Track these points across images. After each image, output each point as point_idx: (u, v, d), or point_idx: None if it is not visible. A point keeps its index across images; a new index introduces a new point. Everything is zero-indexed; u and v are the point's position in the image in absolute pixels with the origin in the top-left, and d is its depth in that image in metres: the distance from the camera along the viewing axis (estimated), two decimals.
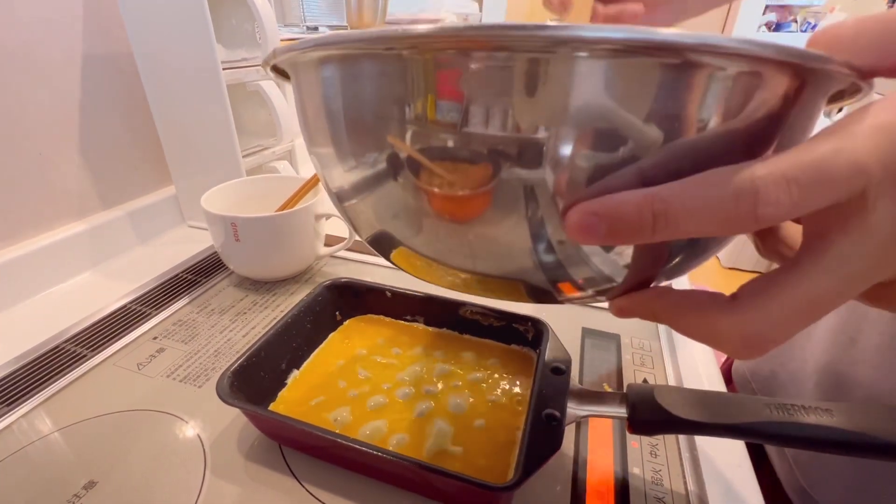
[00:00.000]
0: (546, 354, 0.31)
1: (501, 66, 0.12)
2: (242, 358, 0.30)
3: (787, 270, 0.14)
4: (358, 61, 0.14)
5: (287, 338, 0.34)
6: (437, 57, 0.13)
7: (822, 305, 0.13)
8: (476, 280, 0.18)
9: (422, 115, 0.14)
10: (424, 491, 0.27)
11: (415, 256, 0.19)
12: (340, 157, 0.17)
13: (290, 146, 0.63)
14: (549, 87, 0.12)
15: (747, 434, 0.22)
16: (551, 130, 0.13)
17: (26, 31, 0.42)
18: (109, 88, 0.51)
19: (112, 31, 0.50)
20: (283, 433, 0.29)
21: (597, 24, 0.11)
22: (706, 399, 0.24)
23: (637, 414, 0.25)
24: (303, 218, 0.44)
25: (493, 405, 0.31)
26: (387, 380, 0.33)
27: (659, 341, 0.39)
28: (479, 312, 0.37)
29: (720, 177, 0.12)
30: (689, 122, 0.13)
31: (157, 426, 0.31)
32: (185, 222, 0.60)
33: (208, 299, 0.44)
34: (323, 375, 0.33)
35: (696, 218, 0.12)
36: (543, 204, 0.14)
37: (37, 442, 0.29)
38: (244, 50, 0.58)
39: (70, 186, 0.49)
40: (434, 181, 0.15)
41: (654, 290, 0.17)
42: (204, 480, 0.27)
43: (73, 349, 0.37)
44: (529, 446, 0.25)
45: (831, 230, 0.13)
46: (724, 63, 0.12)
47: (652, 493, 0.27)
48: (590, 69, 0.12)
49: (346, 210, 0.19)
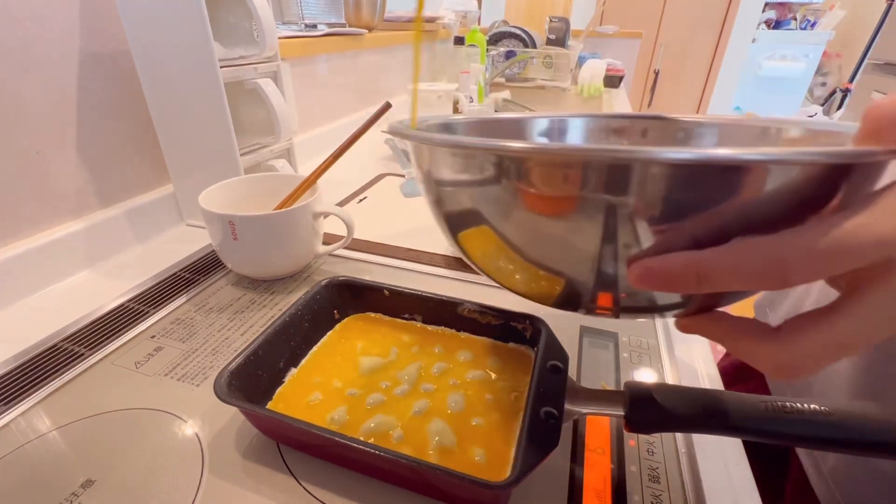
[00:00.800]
0: (544, 352, 0.31)
1: (612, 171, 0.16)
2: (240, 357, 0.30)
3: (825, 313, 0.16)
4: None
5: (285, 336, 0.34)
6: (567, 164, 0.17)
7: (849, 347, 0.16)
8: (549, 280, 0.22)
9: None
10: (422, 489, 0.27)
11: (491, 241, 0.22)
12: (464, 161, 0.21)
13: (288, 144, 0.63)
14: (646, 187, 0.16)
15: (744, 432, 0.22)
16: (639, 212, 0.16)
17: (22, 29, 0.42)
18: (107, 86, 0.51)
19: (109, 28, 0.50)
20: (281, 432, 0.29)
21: (680, 149, 0.15)
22: (704, 397, 0.24)
23: (635, 413, 0.25)
24: (301, 216, 0.44)
25: (491, 403, 0.31)
26: (385, 378, 0.33)
27: (657, 339, 0.39)
28: (476, 311, 0.36)
29: (755, 247, 0.15)
30: (743, 212, 0.16)
31: (155, 425, 0.31)
32: (184, 221, 0.60)
33: (206, 298, 0.44)
34: (321, 374, 0.33)
35: (732, 279, 0.15)
36: (620, 259, 0.18)
37: (34, 441, 0.29)
38: (242, 48, 0.58)
39: (67, 185, 0.49)
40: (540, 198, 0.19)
41: (713, 315, 0.20)
42: (202, 479, 0.27)
43: (70, 348, 0.37)
44: (527, 444, 0.25)
45: (863, 284, 0.15)
46: (781, 170, 0.15)
47: (649, 491, 0.27)
48: (666, 176, 0.16)
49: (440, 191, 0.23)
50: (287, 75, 0.78)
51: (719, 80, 2.72)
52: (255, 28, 0.55)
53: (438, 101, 1.09)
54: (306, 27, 0.88)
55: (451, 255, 0.52)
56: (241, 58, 0.54)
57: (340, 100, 0.99)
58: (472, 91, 1.17)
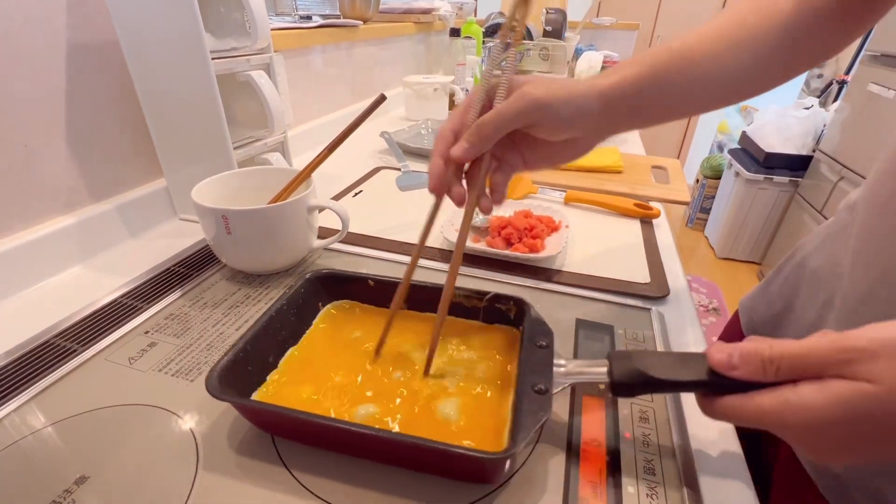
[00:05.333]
0: (529, 330, 0.32)
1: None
2: (230, 354, 0.29)
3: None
4: None
5: (272, 331, 0.33)
6: None
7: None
8: None
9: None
10: (420, 467, 0.27)
11: None
12: None
13: (281, 137, 0.63)
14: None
15: (719, 388, 0.23)
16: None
17: (6, 20, 0.41)
18: (96, 78, 0.50)
19: (97, 19, 0.49)
20: (275, 423, 0.29)
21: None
22: (681, 359, 0.25)
23: (617, 377, 0.26)
24: (295, 210, 0.43)
25: (482, 382, 0.32)
26: (374, 364, 0.33)
27: (652, 330, 0.40)
28: (462, 295, 0.37)
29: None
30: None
31: (149, 421, 0.30)
32: (177, 215, 0.59)
33: (201, 293, 0.43)
34: (311, 365, 0.33)
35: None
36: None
37: (28, 437, 0.29)
38: (233, 39, 0.57)
39: (58, 179, 0.48)
40: None
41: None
42: (196, 474, 0.27)
43: (63, 344, 0.37)
44: (521, 415, 0.26)
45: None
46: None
47: (644, 483, 0.27)
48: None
49: None
50: (281, 67, 0.77)
51: None
52: (247, 19, 0.54)
53: (434, 94, 1.08)
54: (300, 18, 0.87)
55: (447, 248, 0.52)
56: (232, 49, 0.53)
57: (335, 92, 0.98)
58: (468, 83, 1.17)
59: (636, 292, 0.45)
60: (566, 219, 0.55)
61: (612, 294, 0.45)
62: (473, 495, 0.26)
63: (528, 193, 0.67)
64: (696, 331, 0.41)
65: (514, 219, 0.53)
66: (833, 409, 0.19)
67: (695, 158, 2.79)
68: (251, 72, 0.55)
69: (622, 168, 0.77)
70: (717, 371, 0.23)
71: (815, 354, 0.20)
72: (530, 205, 0.59)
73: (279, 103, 0.58)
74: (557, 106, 0.30)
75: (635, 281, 0.47)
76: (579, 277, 0.47)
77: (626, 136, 1.02)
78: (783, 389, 0.21)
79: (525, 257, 0.49)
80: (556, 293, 0.45)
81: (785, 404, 0.21)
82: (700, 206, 2.45)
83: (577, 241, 0.55)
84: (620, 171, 0.76)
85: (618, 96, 0.31)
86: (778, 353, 0.21)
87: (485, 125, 0.30)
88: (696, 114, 0.36)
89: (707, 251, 2.32)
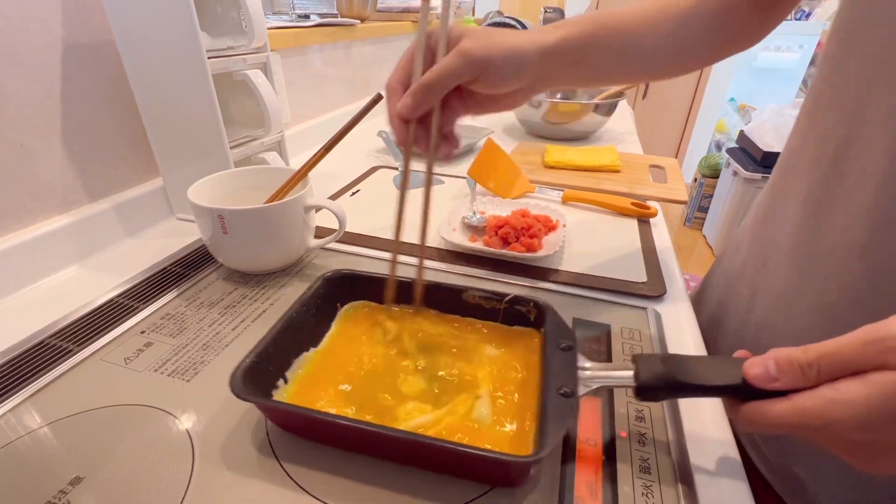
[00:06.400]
0: (551, 332, 0.32)
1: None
2: (253, 354, 0.29)
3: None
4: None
5: (293, 331, 0.33)
6: None
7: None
8: None
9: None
10: (445, 470, 0.27)
11: None
12: None
13: (278, 137, 0.63)
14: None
15: (750, 393, 0.23)
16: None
17: (2, 18, 0.41)
18: (92, 77, 0.50)
19: (93, 17, 0.49)
20: (298, 424, 0.29)
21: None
22: (711, 363, 0.25)
23: (644, 380, 0.26)
24: (292, 209, 0.43)
25: (505, 384, 0.32)
26: (394, 366, 0.33)
27: (649, 329, 0.40)
28: (481, 297, 0.37)
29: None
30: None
31: (145, 421, 0.30)
32: (174, 215, 0.59)
33: (197, 293, 0.43)
34: (332, 365, 0.33)
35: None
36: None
37: (23, 437, 0.29)
38: (230, 38, 0.57)
39: (54, 178, 0.48)
40: None
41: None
42: (192, 474, 0.27)
43: (59, 344, 0.37)
44: (548, 419, 0.26)
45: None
46: None
47: (640, 482, 0.27)
48: None
49: None
50: (277, 66, 0.77)
51: (714, 71, 2.71)
52: (244, 18, 0.54)
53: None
54: (297, 17, 0.87)
55: (445, 247, 0.52)
56: (229, 48, 0.53)
57: (332, 91, 0.98)
58: None
59: (633, 291, 0.45)
60: (563, 218, 0.55)
61: (609, 293, 0.45)
62: (471, 494, 0.26)
63: (526, 192, 0.67)
64: (693, 330, 0.41)
65: (511, 218, 0.53)
66: (878, 399, 0.19)
67: (693, 157, 2.79)
68: (248, 71, 0.55)
69: (620, 167, 0.77)
70: (758, 385, 0.22)
71: (851, 349, 0.20)
72: (527, 204, 0.59)
73: (276, 102, 0.58)
74: (497, 64, 0.31)
75: (632, 280, 0.47)
76: (576, 276, 0.47)
77: (624, 135, 1.02)
78: (824, 388, 0.20)
79: (522, 256, 0.49)
80: (554, 292, 0.45)
81: (829, 402, 0.20)
82: (698, 205, 2.46)
83: (575, 240, 0.55)
84: (618, 170, 0.76)
85: (558, 53, 0.34)
86: (814, 354, 0.21)
87: (426, 86, 0.31)
88: (628, 81, 0.41)
89: (705, 250, 2.33)
